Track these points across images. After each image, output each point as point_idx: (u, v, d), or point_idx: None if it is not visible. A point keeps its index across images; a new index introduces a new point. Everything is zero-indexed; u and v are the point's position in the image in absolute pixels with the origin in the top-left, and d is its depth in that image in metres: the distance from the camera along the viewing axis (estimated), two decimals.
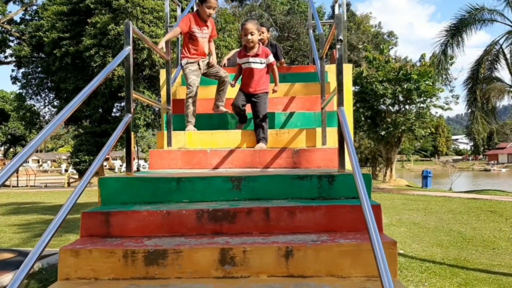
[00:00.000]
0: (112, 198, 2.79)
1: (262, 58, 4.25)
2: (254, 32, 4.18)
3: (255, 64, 4.24)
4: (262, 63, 4.26)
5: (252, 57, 4.25)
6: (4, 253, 6.21)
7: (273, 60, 4.32)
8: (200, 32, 4.56)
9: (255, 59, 4.24)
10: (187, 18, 4.57)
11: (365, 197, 2.04)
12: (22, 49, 30.19)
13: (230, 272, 2.23)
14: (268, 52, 4.30)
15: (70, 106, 2.36)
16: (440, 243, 6.96)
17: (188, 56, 4.57)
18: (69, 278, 2.25)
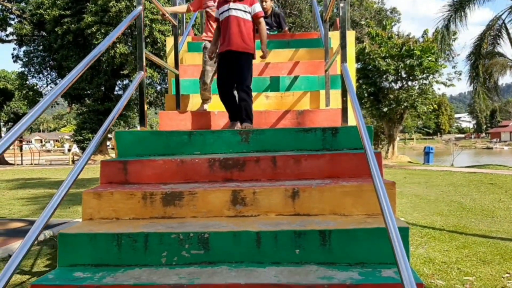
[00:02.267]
0: (128, 150, 2.97)
1: (246, 5, 3.42)
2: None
3: (237, 11, 3.41)
4: (246, 12, 3.43)
5: (233, 2, 3.42)
6: (15, 222, 6.42)
7: (259, 11, 3.46)
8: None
9: (236, 5, 3.42)
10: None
11: (368, 143, 2.20)
12: (23, 27, 30.07)
13: (241, 211, 2.42)
14: (254, 0, 3.49)
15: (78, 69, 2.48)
16: (440, 212, 7.08)
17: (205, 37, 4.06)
18: (92, 218, 2.45)
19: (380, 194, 1.85)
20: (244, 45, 3.40)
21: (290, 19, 30.69)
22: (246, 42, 3.40)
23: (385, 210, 1.75)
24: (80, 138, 29.61)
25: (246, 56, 3.41)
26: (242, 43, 3.40)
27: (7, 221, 6.54)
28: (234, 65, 3.42)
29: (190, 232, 2.16)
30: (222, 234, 2.16)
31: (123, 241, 2.16)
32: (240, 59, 3.39)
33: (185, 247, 2.15)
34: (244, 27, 3.40)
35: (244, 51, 3.40)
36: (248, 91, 3.41)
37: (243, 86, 3.39)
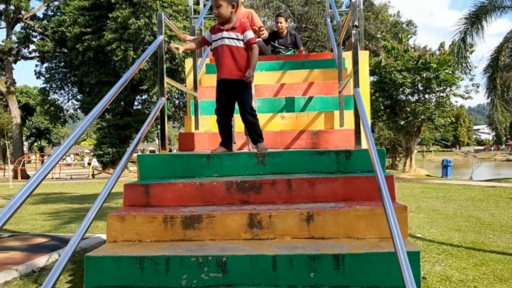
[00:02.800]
0: (149, 173, 3.11)
1: (238, 33, 3.41)
2: (220, 4, 3.34)
3: (229, 40, 3.41)
4: (239, 40, 3.41)
5: (226, 31, 3.42)
6: (38, 238, 6.59)
7: (251, 37, 3.42)
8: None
9: (229, 34, 3.41)
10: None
11: (379, 168, 2.28)
12: (45, 44, 30.91)
13: (258, 234, 2.52)
14: (246, 27, 3.47)
15: (109, 96, 2.64)
16: (458, 228, 6.99)
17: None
18: (116, 240, 2.57)
19: (390, 219, 1.92)
20: (239, 73, 3.42)
21: (305, 33, 30.93)
22: (241, 69, 3.42)
23: (395, 235, 1.83)
24: (100, 153, 30.12)
25: (242, 81, 3.43)
26: (236, 71, 3.42)
27: (30, 237, 6.72)
28: (231, 93, 3.47)
29: (208, 256, 2.26)
30: (240, 258, 2.26)
31: (145, 264, 2.27)
32: (237, 86, 3.43)
33: (204, 270, 2.25)
34: (238, 54, 3.42)
35: (240, 78, 3.42)
36: (252, 112, 3.46)
37: (246, 109, 3.44)
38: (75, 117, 37.72)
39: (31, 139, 53.17)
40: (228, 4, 3.35)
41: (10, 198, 10.01)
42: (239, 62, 3.42)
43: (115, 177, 2.57)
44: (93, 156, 36.08)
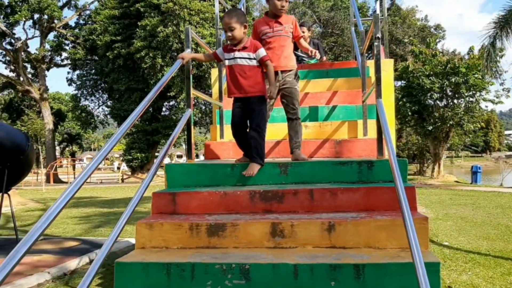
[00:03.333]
0: (176, 181, 3.23)
1: (250, 52, 3.44)
2: (233, 27, 3.36)
3: (241, 60, 3.44)
4: (252, 59, 3.44)
5: (238, 51, 3.45)
6: (69, 241, 6.81)
7: (264, 55, 3.44)
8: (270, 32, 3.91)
9: (241, 54, 3.44)
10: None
11: (399, 178, 2.32)
12: (77, 52, 31.85)
13: (280, 243, 2.59)
14: (258, 46, 3.48)
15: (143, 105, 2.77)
16: (486, 236, 6.84)
17: None
18: (145, 247, 2.69)
19: (409, 230, 1.96)
20: (251, 90, 3.45)
21: (331, 39, 30.85)
22: (253, 86, 3.45)
23: (413, 246, 1.87)
24: (129, 158, 30.75)
25: (256, 99, 3.45)
26: (249, 89, 3.44)
27: (62, 240, 6.95)
28: (245, 108, 3.49)
29: (232, 263, 2.35)
30: (262, 266, 2.33)
31: (172, 270, 2.37)
32: (249, 103, 3.45)
33: (227, 277, 2.34)
34: (249, 73, 3.45)
35: (252, 96, 3.45)
36: (258, 130, 3.40)
37: (253, 125, 3.43)
38: (105, 123, 38.65)
39: (63, 144, 54.65)
40: (241, 25, 3.39)
41: (42, 202, 10.44)
42: (252, 80, 3.45)
43: (146, 183, 2.70)
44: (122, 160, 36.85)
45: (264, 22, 3.95)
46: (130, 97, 28.71)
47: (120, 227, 2.23)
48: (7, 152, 6.60)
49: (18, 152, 6.81)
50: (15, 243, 6.49)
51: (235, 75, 3.45)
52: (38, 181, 31.71)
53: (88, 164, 2.08)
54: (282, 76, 3.84)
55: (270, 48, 3.83)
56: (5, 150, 6.55)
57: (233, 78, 3.47)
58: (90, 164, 2.11)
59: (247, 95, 3.44)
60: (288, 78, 3.88)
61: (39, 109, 36.09)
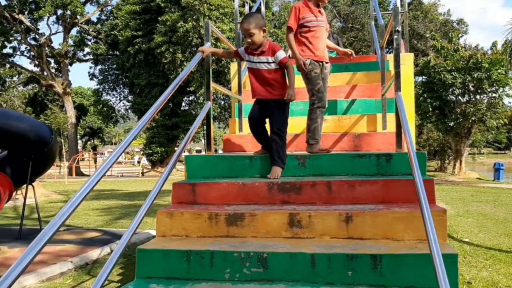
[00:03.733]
0: (196, 172, 3.29)
1: (268, 56, 3.41)
2: (252, 33, 3.34)
3: (260, 64, 3.44)
4: (271, 62, 3.41)
5: (257, 55, 3.44)
6: (91, 232, 6.98)
7: (283, 57, 3.41)
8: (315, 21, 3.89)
9: (260, 58, 3.43)
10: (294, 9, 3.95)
11: (417, 170, 2.33)
12: (98, 47, 32.32)
13: (297, 233, 2.63)
14: (276, 48, 3.44)
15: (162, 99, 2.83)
16: (508, 234, 6.77)
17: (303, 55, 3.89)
18: (165, 235, 2.76)
19: (427, 222, 1.97)
20: (271, 93, 3.43)
21: (352, 33, 30.60)
22: (274, 89, 3.43)
23: (430, 237, 1.88)
24: (149, 152, 31.14)
25: (277, 102, 3.42)
26: (268, 92, 3.44)
27: (84, 231, 7.14)
28: (265, 109, 3.49)
29: (250, 252, 2.40)
30: (280, 255, 2.37)
31: (191, 258, 2.44)
32: (270, 106, 3.43)
33: (246, 265, 2.39)
34: (270, 77, 3.43)
35: (273, 98, 3.43)
36: (280, 133, 3.37)
37: (274, 129, 3.40)
38: (126, 117, 39.16)
39: (84, 138, 55.57)
40: (260, 30, 3.37)
41: (65, 194, 10.68)
42: (272, 84, 3.43)
43: (165, 175, 2.76)
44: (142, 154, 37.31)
45: (308, 8, 3.90)
46: (151, 92, 29.02)
47: (139, 218, 2.29)
48: (32, 144, 6.78)
49: (42, 144, 6.99)
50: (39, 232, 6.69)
51: (257, 78, 3.46)
52: (60, 174, 32.38)
53: (108, 157, 2.15)
54: (325, 67, 3.93)
55: (315, 38, 3.87)
56: (30, 143, 6.73)
57: (253, 81, 3.49)
58: (110, 157, 2.18)
59: (267, 98, 3.43)
60: (326, 70, 3.98)
61: (62, 103, 36.80)
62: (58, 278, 4.46)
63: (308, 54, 3.84)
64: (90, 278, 4.49)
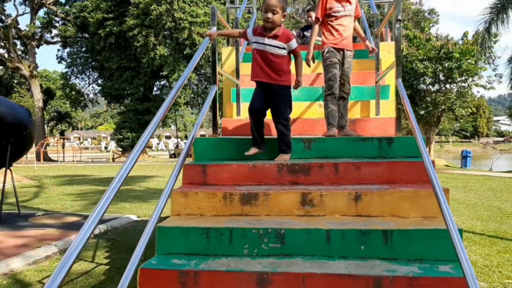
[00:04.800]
0: (203, 155, 3.38)
1: (281, 42, 3.36)
2: (277, 11, 3.29)
3: (271, 47, 3.36)
4: (282, 48, 3.37)
5: (269, 38, 3.37)
6: (70, 217, 6.94)
7: (295, 47, 3.41)
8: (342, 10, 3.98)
9: (271, 41, 3.36)
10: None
11: (426, 153, 2.51)
12: (67, 29, 31.37)
13: (309, 211, 2.77)
14: (290, 36, 3.42)
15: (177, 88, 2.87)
16: (479, 217, 7.06)
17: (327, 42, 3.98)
18: (180, 214, 2.84)
19: (440, 199, 2.14)
20: (277, 78, 3.38)
21: None
22: (280, 74, 3.38)
23: (445, 213, 2.05)
24: (120, 137, 30.65)
25: (281, 88, 3.39)
26: (275, 76, 3.38)
27: (62, 215, 7.08)
28: (269, 98, 3.43)
29: (268, 228, 2.52)
30: (296, 231, 2.51)
31: (211, 234, 2.54)
32: (275, 93, 3.39)
33: (264, 241, 2.51)
34: (278, 61, 3.38)
35: (278, 84, 3.39)
36: (285, 123, 3.37)
37: (280, 119, 3.38)
38: (95, 102, 38.30)
39: (51, 123, 54.07)
40: (282, 12, 3.34)
41: (36, 179, 10.48)
42: (279, 68, 3.38)
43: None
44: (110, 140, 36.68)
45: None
46: (122, 76, 28.50)
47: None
48: (10, 127, 6.64)
49: (20, 128, 6.85)
50: (18, 217, 6.58)
51: (263, 61, 3.38)
52: (27, 159, 31.51)
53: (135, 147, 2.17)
54: (347, 55, 4.01)
55: (341, 25, 3.95)
56: (8, 126, 6.59)
57: (260, 63, 3.39)
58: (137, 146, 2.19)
59: (272, 82, 3.38)
60: (349, 59, 4.04)
61: (28, 86, 35.64)
62: (44, 261, 4.48)
63: (331, 42, 3.96)
64: (77, 261, 4.52)
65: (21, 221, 6.42)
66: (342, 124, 3.97)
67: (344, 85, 4.02)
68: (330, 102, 3.86)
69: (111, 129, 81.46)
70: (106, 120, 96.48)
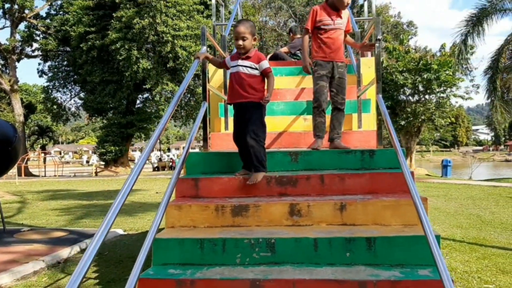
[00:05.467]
0: (194, 168, 3.52)
1: (253, 62, 3.52)
2: (246, 37, 3.47)
3: (243, 68, 3.52)
4: (254, 68, 3.52)
5: (242, 59, 3.55)
6: (56, 232, 6.93)
7: (267, 67, 3.52)
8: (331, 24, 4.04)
9: (244, 62, 3.53)
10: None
11: (405, 165, 2.69)
12: (48, 43, 31.16)
13: (298, 221, 2.93)
14: (261, 58, 3.55)
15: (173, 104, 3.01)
16: (460, 225, 7.21)
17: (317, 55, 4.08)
18: (174, 226, 2.97)
19: (419, 207, 2.32)
20: (247, 96, 3.48)
21: None
22: (250, 92, 3.48)
23: (423, 220, 2.22)
24: (103, 151, 30.36)
25: (253, 105, 3.47)
26: (245, 94, 3.48)
27: (48, 230, 7.06)
28: (242, 117, 3.53)
29: (259, 238, 2.67)
30: (286, 240, 2.66)
31: (205, 245, 2.68)
32: (246, 110, 3.48)
33: (255, 250, 2.66)
34: (250, 80, 3.50)
35: (249, 100, 3.48)
36: (255, 137, 3.37)
37: (250, 133, 3.39)
38: (77, 116, 37.98)
39: (32, 137, 53.32)
40: (252, 36, 3.51)
41: (19, 194, 10.39)
42: (251, 87, 3.49)
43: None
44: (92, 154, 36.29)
45: (326, 11, 4.07)
46: (104, 89, 28.38)
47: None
48: None
49: (6, 143, 6.84)
50: (3, 233, 6.51)
51: (236, 83, 3.53)
52: (8, 174, 31.04)
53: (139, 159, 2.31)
54: (337, 66, 4.06)
55: (329, 38, 4.04)
56: None
57: (234, 85, 3.55)
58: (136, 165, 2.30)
59: (242, 101, 3.49)
60: (341, 69, 4.08)
61: (8, 100, 35.22)
62: (32, 277, 4.49)
63: (320, 55, 4.05)
64: (65, 276, 4.54)
65: (7, 237, 6.37)
66: (332, 137, 4.04)
67: (337, 95, 4.07)
68: (316, 115, 3.98)
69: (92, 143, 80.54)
70: (88, 133, 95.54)
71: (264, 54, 4.03)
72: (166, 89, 27.16)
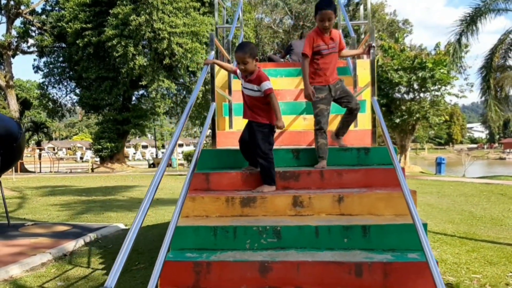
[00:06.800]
0: (203, 164, 3.85)
1: (255, 85, 3.66)
2: (246, 61, 3.61)
3: (248, 90, 3.73)
4: (256, 90, 3.67)
5: (246, 82, 3.74)
6: (59, 226, 7.13)
7: (267, 88, 3.62)
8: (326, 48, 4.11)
9: (248, 85, 3.72)
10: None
11: (396, 161, 3.02)
12: (43, 39, 31.13)
13: (300, 212, 3.27)
14: (262, 79, 3.65)
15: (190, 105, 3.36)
16: (451, 221, 7.47)
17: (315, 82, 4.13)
18: (188, 216, 3.30)
19: (408, 199, 2.65)
20: (255, 116, 3.69)
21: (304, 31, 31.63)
22: (257, 113, 3.69)
23: (412, 210, 2.56)
24: (99, 147, 30.43)
25: (259, 125, 3.67)
26: (254, 115, 3.70)
27: (51, 225, 7.23)
28: (251, 131, 3.73)
29: (266, 226, 3.00)
30: (290, 228, 2.99)
31: (218, 232, 3.00)
32: (254, 130, 3.67)
33: (263, 237, 2.99)
34: (255, 102, 3.70)
35: (255, 121, 3.69)
36: (264, 156, 3.57)
37: (259, 152, 3.60)
38: (72, 112, 37.99)
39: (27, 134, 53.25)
40: (253, 59, 3.63)
41: (17, 190, 10.59)
42: (256, 107, 3.70)
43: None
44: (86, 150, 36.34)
45: (319, 36, 4.12)
46: (100, 86, 28.44)
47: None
48: (1, 139, 6.82)
49: (11, 139, 7.04)
50: (8, 227, 6.71)
51: (245, 102, 3.81)
52: None
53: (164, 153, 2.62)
54: (334, 87, 4.14)
55: (326, 63, 4.13)
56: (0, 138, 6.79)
57: (245, 103, 3.83)
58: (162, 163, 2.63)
59: (251, 119, 3.74)
60: (338, 85, 4.17)
61: (4, 97, 35.22)
62: (40, 268, 4.68)
63: (317, 81, 4.14)
64: (73, 267, 4.76)
65: (12, 231, 6.54)
66: (337, 133, 4.25)
67: (350, 102, 4.13)
68: (319, 137, 3.98)
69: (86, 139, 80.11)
70: (81, 130, 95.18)
71: (260, 52, 4.26)
72: (162, 86, 27.31)
